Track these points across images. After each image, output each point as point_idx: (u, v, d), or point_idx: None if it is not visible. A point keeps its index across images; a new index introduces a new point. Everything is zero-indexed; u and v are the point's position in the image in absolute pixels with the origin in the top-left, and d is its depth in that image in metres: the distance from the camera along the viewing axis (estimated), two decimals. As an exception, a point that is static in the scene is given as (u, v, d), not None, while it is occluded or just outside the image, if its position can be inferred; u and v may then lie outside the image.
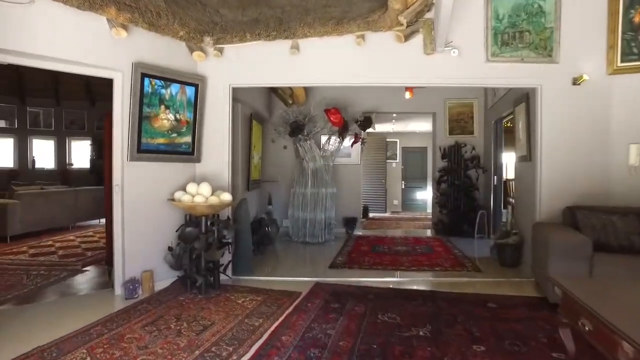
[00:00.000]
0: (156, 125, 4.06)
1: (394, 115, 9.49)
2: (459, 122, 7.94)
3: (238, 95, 5.43)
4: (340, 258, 5.59)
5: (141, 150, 3.96)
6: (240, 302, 3.76)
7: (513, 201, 7.91)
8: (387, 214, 12.18)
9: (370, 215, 11.52)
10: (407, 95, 6.66)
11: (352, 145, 7.39)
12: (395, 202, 13.34)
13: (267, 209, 6.93)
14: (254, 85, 4.67)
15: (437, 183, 7.81)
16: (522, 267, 4.98)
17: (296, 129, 6.61)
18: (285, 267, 5.44)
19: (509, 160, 7.60)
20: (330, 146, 7.33)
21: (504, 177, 7.50)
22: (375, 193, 12.36)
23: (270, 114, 7.63)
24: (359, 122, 7.13)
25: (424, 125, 11.58)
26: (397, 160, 13.39)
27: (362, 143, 7.55)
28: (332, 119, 6.40)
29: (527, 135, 4.88)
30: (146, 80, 3.91)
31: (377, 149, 12.48)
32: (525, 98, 4.92)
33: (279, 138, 7.32)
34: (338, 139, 7.15)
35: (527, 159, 4.90)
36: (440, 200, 7.71)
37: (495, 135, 7.17)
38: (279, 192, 7.76)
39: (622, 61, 4.25)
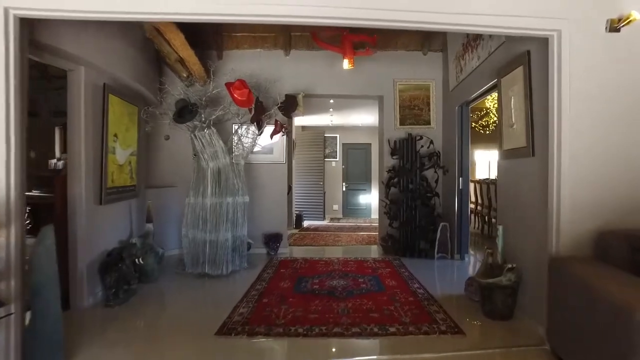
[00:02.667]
0: None
1: (331, 101, 7.62)
2: (413, 109, 6.22)
3: (75, 50, 3.28)
4: (242, 309, 3.57)
5: None
6: None
7: (495, 220, 6.35)
8: (325, 222, 10.35)
9: (305, 224, 9.66)
10: (346, 64, 4.79)
11: (271, 137, 5.38)
12: (336, 207, 11.55)
13: (144, 229, 4.76)
14: (63, 15, 2.51)
15: (385, 186, 6.02)
16: (518, 317, 3.26)
17: (185, 112, 4.50)
18: (144, 333, 3.29)
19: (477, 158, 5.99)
20: (246, 138, 5.32)
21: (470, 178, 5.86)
22: (311, 197, 10.49)
23: (161, 93, 5.42)
24: (280, 105, 5.15)
25: (367, 118, 9.87)
26: (337, 159, 11.60)
27: (284, 133, 5.57)
28: (235, 95, 4.37)
29: (528, 117, 3.15)
30: None
31: (313, 146, 10.64)
32: (524, 59, 3.18)
33: (164, 126, 5.12)
34: (250, 128, 5.14)
35: (527, 153, 3.18)
36: (389, 210, 5.92)
37: (459, 125, 5.49)
38: (176, 202, 5.61)
39: (687, -8, 2.62)
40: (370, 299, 3.84)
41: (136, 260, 4.14)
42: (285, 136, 5.75)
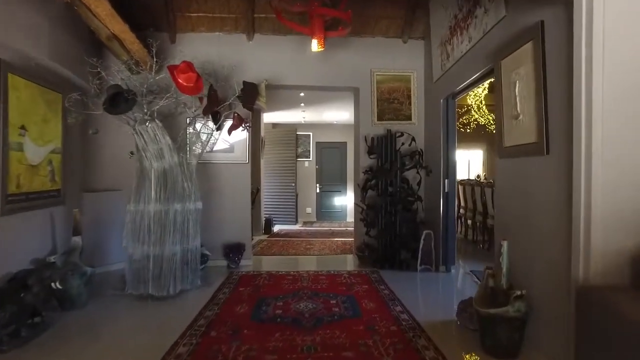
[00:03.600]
0: None
1: (302, 94, 6.89)
2: (392, 102, 5.56)
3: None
4: (182, 347, 2.80)
5: None
6: None
7: (480, 223, 5.79)
8: (297, 226, 9.62)
9: (276, 229, 8.93)
10: (315, 45, 4.06)
11: (229, 132, 4.62)
12: (309, 210, 10.83)
13: (71, 243, 3.90)
14: None
15: (361, 190, 5.33)
16: (526, 354, 2.61)
17: (121, 100, 3.69)
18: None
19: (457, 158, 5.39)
20: (203, 134, 4.57)
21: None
22: (282, 200, 9.74)
23: (94, 79, 4.55)
24: (240, 95, 4.38)
25: (342, 114, 9.20)
26: (311, 159, 10.88)
27: (245, 128, 4.81)
28: (180, 80, 3.59)
29: (541, 105, 2.51)
30: None
31: (284, 144, 9.90)
32: (536, 32, 2.54)
33: (96, 118, 4.25)
34: (206, 122, 4.37)
35: (539, 150, 2.53)
36: (366, 216, 5.23)
37: (445, 120, 4.86)
38: (121, 208, 4.74)
39: None
40: (344, 329, 3.13)
41: (52, 284, 3.31)
42: (247, 132, 4.97)
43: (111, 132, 4.80)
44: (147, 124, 3.99)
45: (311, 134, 10.79)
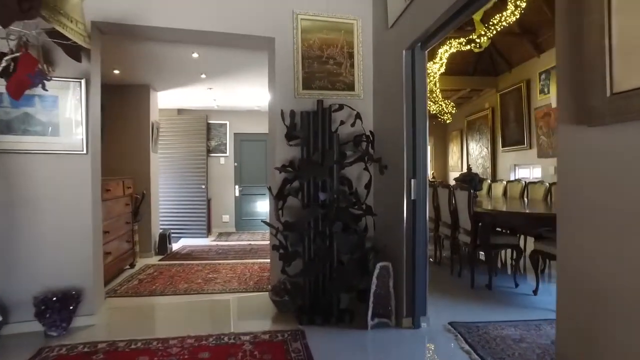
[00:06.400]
0: None
1: (195, 55, 4.67)
2: (325, 62, 3.63)
3: None
4: None
5: None
6: None
7: (448, 236, 4.06)
8: (209, 240, 7.47)
9: (179, 245, 6.78)
10: None
11: (11, 92, 2.41)
12: (226, 218, 8.67)
13: None
14: None
15: (275, 198, 3.34)
16: None
17: None
18: None
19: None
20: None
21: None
22: (188, 207, 7.53)
23: None
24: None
25: (265, 97, 7.11)
26: (228, 154, 8.71)
27: (40, 84, 2.59)
28: None
29: None
30: None
31: (193, 135, 7.71)
32: None
33: None
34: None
35: None
36: (284, 241, 3.25)
37: (410, 84, 3.00)
38: None
39: None
40: None
41: None
42: (39, 86, 2.66)
43: None
44: None
45: (227, 123, 8.61)
